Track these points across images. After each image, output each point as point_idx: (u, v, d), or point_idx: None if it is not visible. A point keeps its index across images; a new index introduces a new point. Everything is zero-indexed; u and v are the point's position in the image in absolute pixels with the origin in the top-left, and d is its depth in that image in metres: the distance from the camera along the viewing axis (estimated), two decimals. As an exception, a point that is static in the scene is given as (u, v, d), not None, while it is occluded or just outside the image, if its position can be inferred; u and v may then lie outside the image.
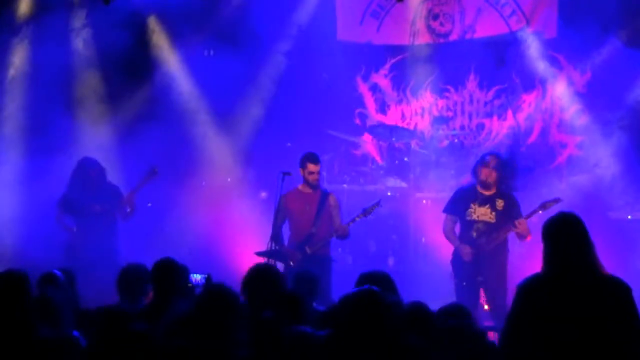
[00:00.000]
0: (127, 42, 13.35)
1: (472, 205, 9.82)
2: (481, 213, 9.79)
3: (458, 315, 5.67)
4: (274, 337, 5.40)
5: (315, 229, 10.29)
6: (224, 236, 12.64)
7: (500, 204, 9.79)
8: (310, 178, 10.34)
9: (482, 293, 9.84)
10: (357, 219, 10.39)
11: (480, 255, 9.72)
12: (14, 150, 13.10)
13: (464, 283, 9.79)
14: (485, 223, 9.76)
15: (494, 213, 9.75)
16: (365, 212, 10.39)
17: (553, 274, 5.21)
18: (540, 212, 9.59)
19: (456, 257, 9.91)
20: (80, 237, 11.17)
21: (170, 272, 6.95)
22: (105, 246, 10.99)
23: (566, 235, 5.24)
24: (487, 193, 9.86)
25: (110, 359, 5.16)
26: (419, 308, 5.53)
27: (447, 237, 10.07)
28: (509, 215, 9.72)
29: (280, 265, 10.09)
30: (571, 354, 5.01)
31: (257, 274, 6.53)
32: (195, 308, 5.55)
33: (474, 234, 9.77)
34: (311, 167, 10.33)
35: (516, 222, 9.54)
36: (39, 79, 13.22)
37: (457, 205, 10.00)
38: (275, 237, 10.39)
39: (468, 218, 9.82)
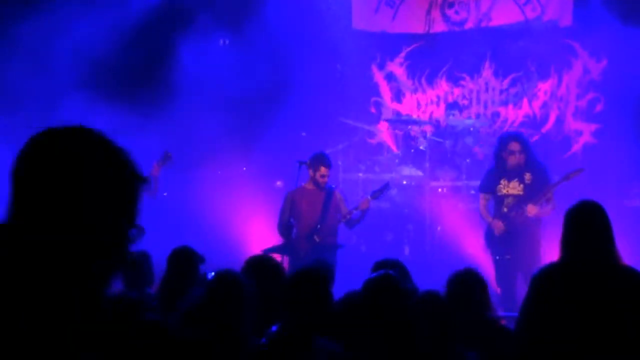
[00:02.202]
0: (142, 29, 13.39)
1: (501, 181, 10.09)
2: (510, 187, 10.03)
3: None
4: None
5: (321, 223, 10.35)
6: (239, 225, 12.68)
7: (528, 176, 10.01)
8: (321, 180, 10.36)
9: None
10: (368, 200, 10.39)
11: (511, 231, 9.97)
12: (27, 134, 13.13)
13: (497, 257, 10.09)
14: (514, 196, 10.04)
15: (521, 185, 10.01)
16: (374, 194, 10.44)
17: (570, 262, 5.20)
18: (563, 182, 9.94)
19: (488, 232, 10.26)
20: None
21: (188, 260, 6.99)
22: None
23: (587, 223, 5.20)
24: (515, 167, 10.08)
25: (124, 349, 5.20)
26: (433, 297, 5.55)
27: (482, 215, 10.42)
28: (537, 187, 9.95)
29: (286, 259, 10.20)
30: (585, 343, 5.01)
31: (254, 264, 6.54)
32: (206, 296, 5.57)
33: (505, 209, 10.08)
34: (324, 170, 10.35)
35: (527, 208, 9.82)
36: (53, 61, 13.26)
37: (489, 183, 10.26)
38: (283, 231, 10.45)
39: (499, 193, 10.17)
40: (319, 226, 10.31)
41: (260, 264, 6.51)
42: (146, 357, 5.09)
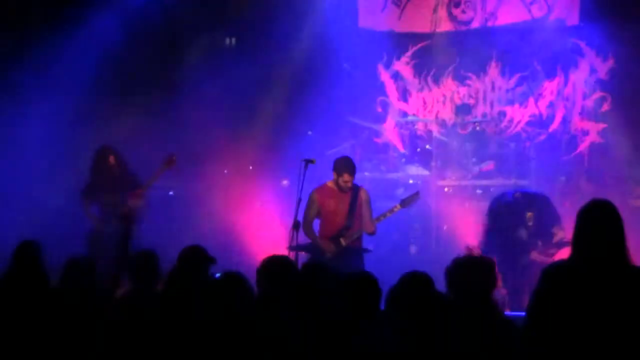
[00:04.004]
0: (148, 29, 13.40)
1: None
2: None
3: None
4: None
5: (349, 224, 10.34)
6: (245, 224, 12.68)
7: (530, 215, 9.88)
8: (344, 185, 10.34)
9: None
10: (396, 210, 10.47)
11: None
12: (34, 137, 13.17)
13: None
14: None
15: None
16: (403, 203, 10.48)
17: (581, 259, 5.19)
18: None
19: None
20: (99, 227, 11.23)
21: (197, 259, 6.98)
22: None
23: (599, 222, 5.20)
24: None
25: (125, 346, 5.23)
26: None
27: None
28: (545, 223, 9.82)
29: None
30: (594, 341, 5.01)
31: (272, 264, 6.54)
32: (210, 295, 5.58)
33: None
34: (347, 177, 10.31)
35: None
36: (59, 65, 13.29)
37: None
38: (308, 231, 10.43)
39: None
40: (347, 224, 10.31)
41: (277, 265, 6.51)
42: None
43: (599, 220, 5.19)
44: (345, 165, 10.32)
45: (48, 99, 13.07)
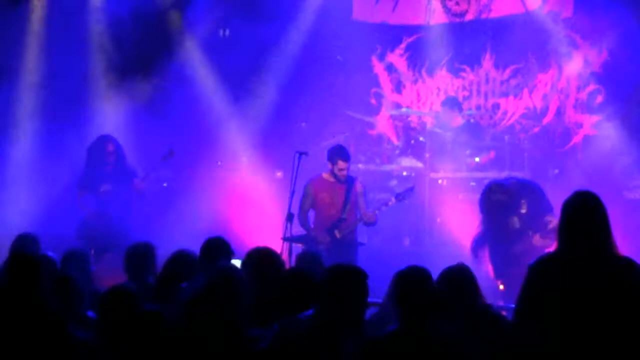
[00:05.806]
0: (142, 20, 13.39)
1: None
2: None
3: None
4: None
5: (344, 216, 10.38)
6: (239, 216, 12.67)
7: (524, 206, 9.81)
8: (340, 174, 10.41)
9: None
10: (390, 204, 10.51)
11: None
12: (29, 129, 13.15)
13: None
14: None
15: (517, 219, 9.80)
16: (398, 197, 10.51)
17: (566, 252, 5.22)
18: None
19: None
20: (92, 217, 11.23)
21: (220, 251, 6.98)
22: (115, 226, 11.01)
23: (582, 214, 5.23)
24: None
25: (121, 339, 5.22)
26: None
27: None
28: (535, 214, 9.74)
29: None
30: (580, 332, 5.02)
31: (256, 256, 6.54)
32: (203, 289, 5.57)
33: None
34: (341, 164, 10.38)
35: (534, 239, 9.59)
36: (54, 56, 13.26)
37: None
38: (303, 222, 10.47)
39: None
40: (342, 217, 10.34)
41: (262, 257, 6.51)
42: (144, 346, 5.10)
43: (582, 211, 5.23)
44: (337, 153, 10.38)
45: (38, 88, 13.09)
